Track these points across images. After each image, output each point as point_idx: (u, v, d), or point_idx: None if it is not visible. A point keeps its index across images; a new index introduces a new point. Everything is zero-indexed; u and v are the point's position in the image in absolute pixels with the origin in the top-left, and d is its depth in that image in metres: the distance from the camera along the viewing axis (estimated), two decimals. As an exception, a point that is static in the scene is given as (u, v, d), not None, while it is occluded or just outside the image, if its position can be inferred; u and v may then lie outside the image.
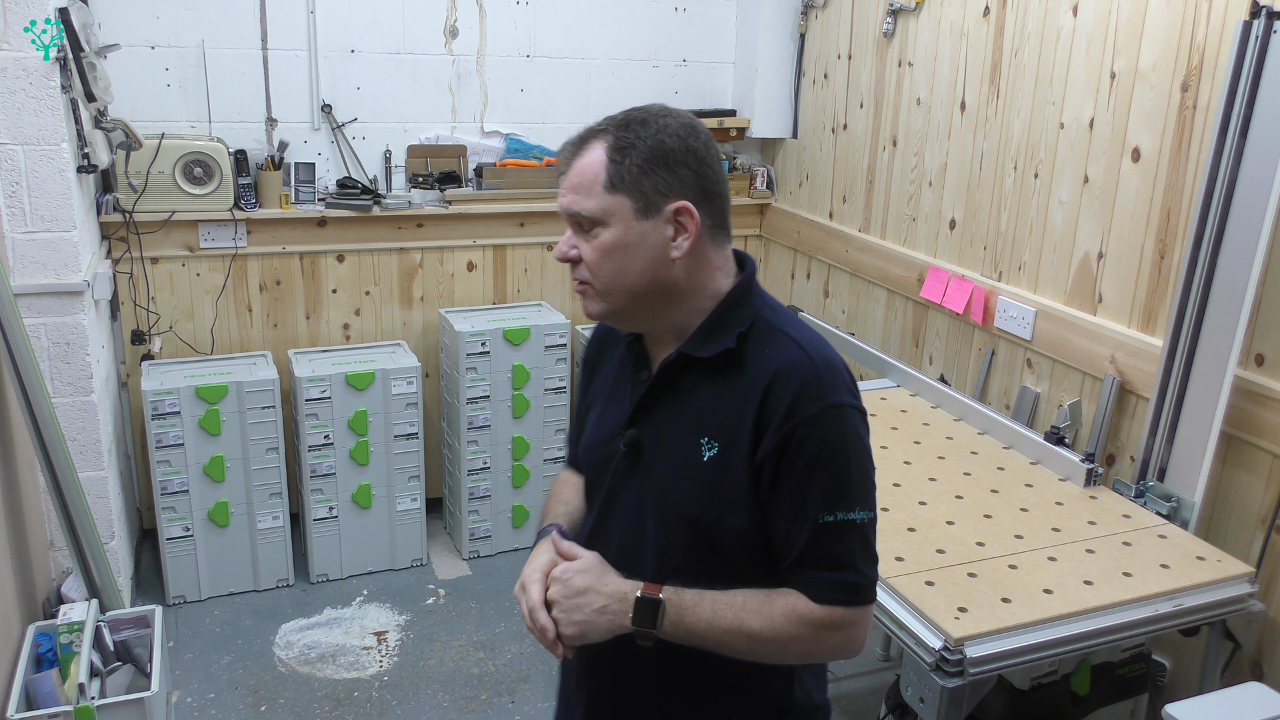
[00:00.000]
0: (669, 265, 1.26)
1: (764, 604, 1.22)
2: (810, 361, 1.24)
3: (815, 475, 1.21)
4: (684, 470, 1.27)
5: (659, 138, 1.24)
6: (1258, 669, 2.16)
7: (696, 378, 1.28)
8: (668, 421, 1.30)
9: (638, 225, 1.24)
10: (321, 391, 3.30)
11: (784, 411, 1.21)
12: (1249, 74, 2.04)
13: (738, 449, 1.24)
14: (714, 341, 1.27)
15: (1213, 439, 2.15)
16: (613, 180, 1.23)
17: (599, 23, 3.81)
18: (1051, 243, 2.69)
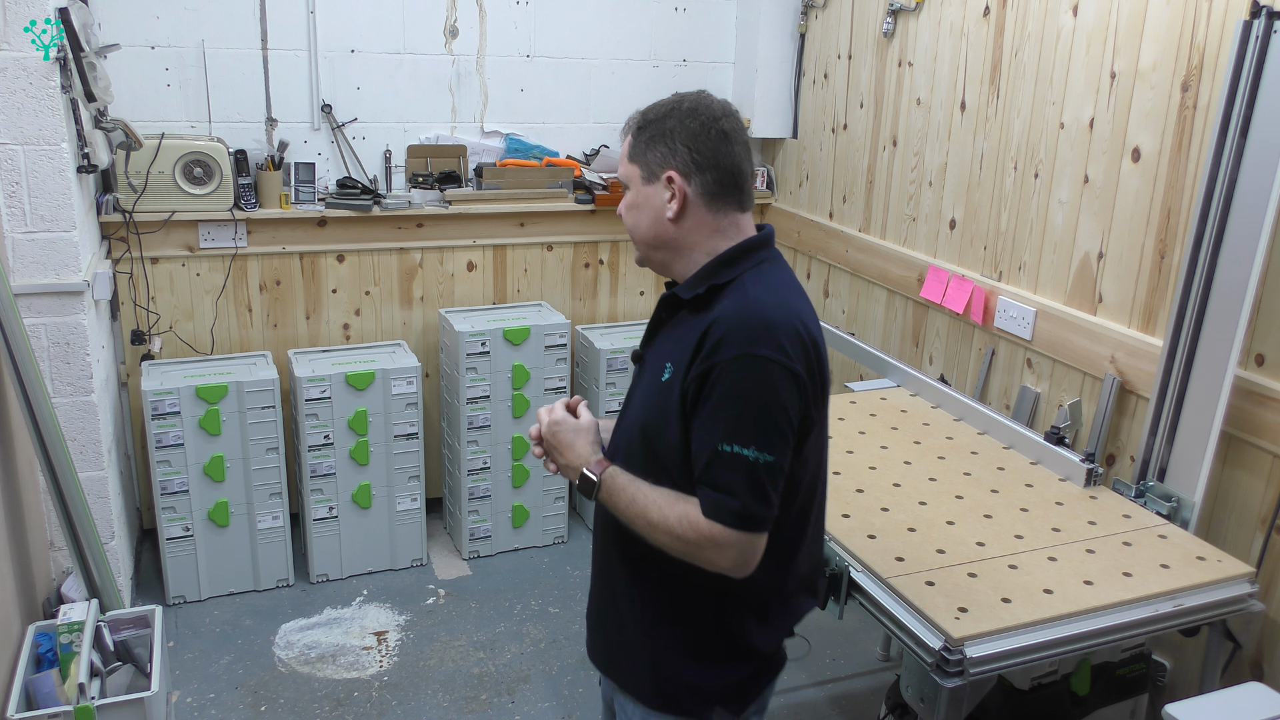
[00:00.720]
0: (666, 223, 1.54)
1: (668, 503, 1.46)
2: (746, 314, 1.44)
3: (722, 409, 1.41)
4: (650, 387, 1.54)
5: (665, 122, 1.52)
6: (1258, 669, 2.16)
7: (681, 315, 1.54)
8: (658, 346, 1.58)
9: (645, 189, 1.54)
10: (321, 391, 3.30)
11: (708, 350, 1.42)
12: (1249, 74, 2.04)
13: (679, 375, 1.47)
14: (692, 286, 1.52)
15: (1213, 439, 2.15)
16: (631, 153, 1.56)
17: (599, 23, 3.81)
18: (1051, 243, 2.69)
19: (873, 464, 2.39)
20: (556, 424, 1.59)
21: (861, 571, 1.95)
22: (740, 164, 1.52)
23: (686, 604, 1.55)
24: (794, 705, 2.88)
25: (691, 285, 1.52)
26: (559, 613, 3.32)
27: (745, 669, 1.57)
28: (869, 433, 2.57)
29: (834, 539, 2.03)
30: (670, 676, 1.57)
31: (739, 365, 1.40)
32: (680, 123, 1.51)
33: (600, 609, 1.69)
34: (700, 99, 1.53)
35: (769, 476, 1.41)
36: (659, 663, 1.57)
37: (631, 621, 1.60)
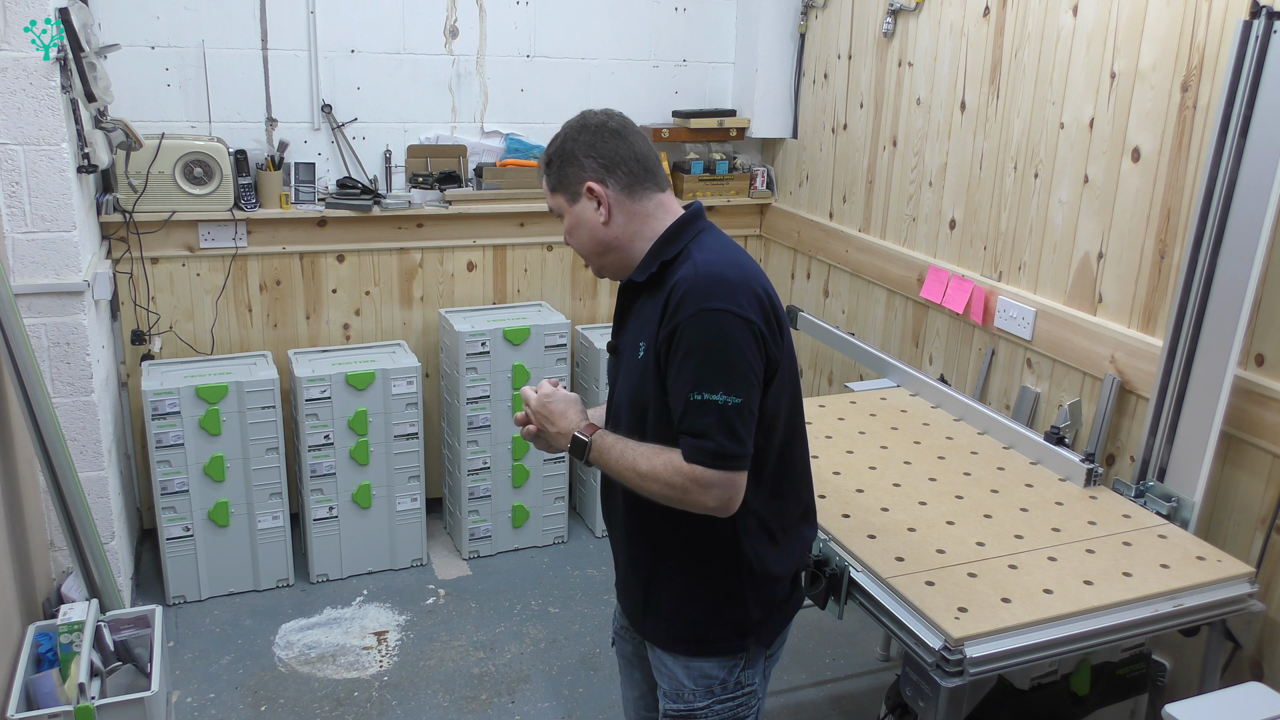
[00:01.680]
0: (601, 229, 1.67)
1: (654, 455, 1.58)
2: (698, 275, 1.57)
3: (688, 362, 1.55)
4: (631, 366, 1.67)
5: (565, 146, 1.68)
6: (1258, 669, 2.16)
7: (640, 298, 1.69)
8: (627, 332, 1.71)
9: (574, 209, 1.68)
10: (321, 391, 3.30)
11: (671, 312, 1.56)
12: (1249, 74, 2.04)
13: (653, 346, 1.61)
14: (646, 269, 1.66)
15: (1213, 439, 2.15)
16: (550, 185, 1.71)
17: (599, 23, 3.81)
18: (1051, 243, 2.69)
19: (873, 464, 2.39)
20: (549, 396, 1.72)
21: (861, 571, 1.95)
22: (640, 151, 1.66)
23: (708, 549, 1.67)
24: (794, 705, 2.88)
25: (643, 268, 1.66)
26: (559, 613, 3.32)
27: (770, 597, 1.71)
28: (869, 433, 2.57)
29: (834, 539, 2.04)
30: (706, 620, 1.70)
31: (699, 321, 1.54)
32: (576, 140, 1.66)
33: (628, 579, 1.81)
34: (585, 116, 1.69)
35: (739, 417, 1.54)
36: (694, 610, 1.71)
37: (662, 580, 1.73)
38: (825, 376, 3.82)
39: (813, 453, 2.41)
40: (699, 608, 1.70)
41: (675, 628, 1.73)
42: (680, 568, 1.71)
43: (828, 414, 2.68)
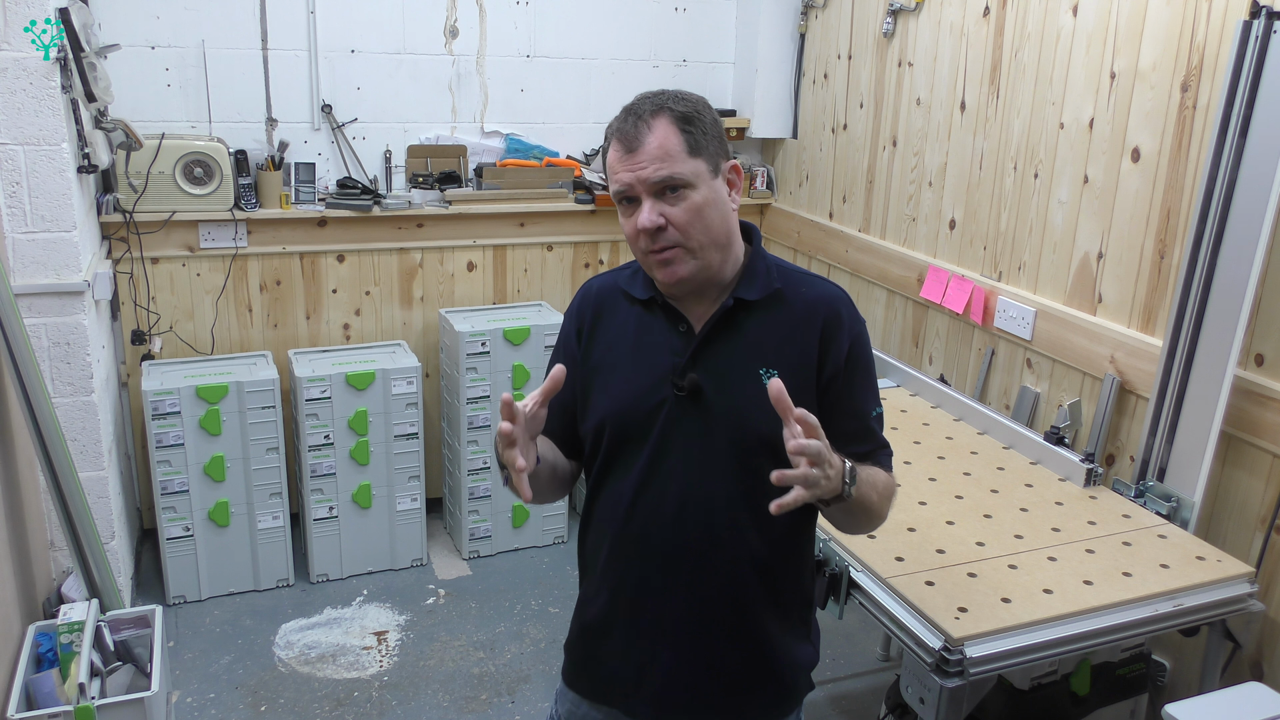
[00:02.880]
0: (731, 218, 1.46)
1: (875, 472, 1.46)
2: (844, 293, 1.51)
3: (867, 379, 1.50)
4: (751, 397, 1.42)
5: (703, 110, 1.46)
6: (1258, 669, 2.16)
7: (744, 318, 1.47)
8: (723, 360, 1.46)
9: (713, 184, 1.43)
10: (321, 391, 3.30)
11: (845, 334, 1.46)
12: (1249, 74, 2.04)
13: (802, 372, 1.45)
14: (757, 285, 1.48)
15: (1212, 439, 2.15)
16: (690, 147, 1.40)
17: (599, 23, 3.81)
18: (1051, 243, 2.69)
19: (873, 464, 2.39)
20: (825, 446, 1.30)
21: (861, 571, 1.95)
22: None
23: (796, 591, 1.59)
24: (794, 705, 2.88)
25: (751, 284, 1.48)
26: (559, 613, 3.32)
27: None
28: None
29: (833, 539, 2.04)
30: (798, 669, 1.63)
31: (864, 337, 1.50)
32: (711, 112, 1.48)
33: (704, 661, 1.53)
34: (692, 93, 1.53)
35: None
36: (790, 662, 1.61)
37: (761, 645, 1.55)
38: (825, 376, 3.81)
39: (813, 453, 2.42)
40: (792, 656, 1.61)
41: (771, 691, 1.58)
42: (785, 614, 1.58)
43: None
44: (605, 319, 1.56)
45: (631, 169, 1.40)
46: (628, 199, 1.42)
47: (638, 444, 1.48)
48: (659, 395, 1.47)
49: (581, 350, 1.56)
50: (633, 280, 1.55)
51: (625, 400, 1.49)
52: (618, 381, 1.51)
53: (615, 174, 1.43)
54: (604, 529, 1.54)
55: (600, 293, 1.58)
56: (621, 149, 1.42)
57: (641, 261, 1.48)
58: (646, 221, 1.39)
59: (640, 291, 1.52)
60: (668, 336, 1.49)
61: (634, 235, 1.43)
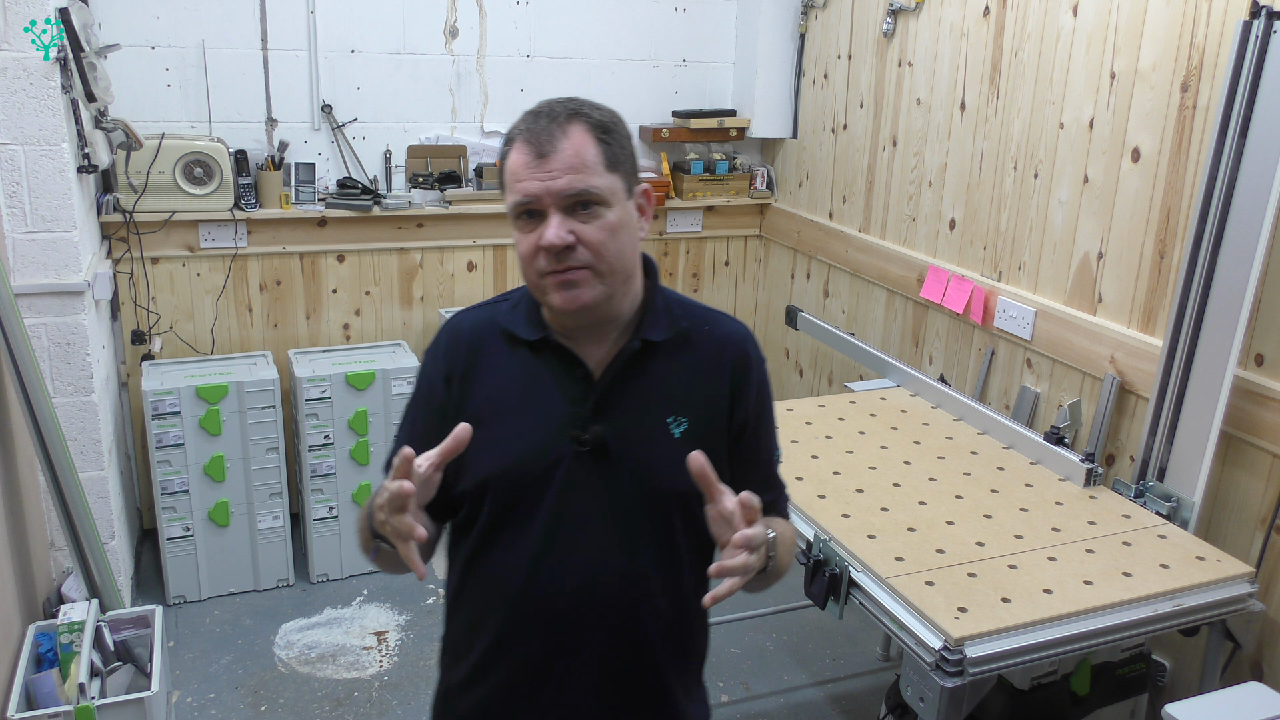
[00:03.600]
0: (638, 247, 1.31)
1: (785, 528, 1.37)
2: (748, 330, 1.41)
3: (772, 424, 1.42)
4: (661, 451, 1.29)
5: (619, 123, 1.29)
6: (1258, 669, 2.16)
7: (648, 362, 1.32)
8: (629, 409, 1.31)
9: (627, 205, 1.27)
10: (321, 391, 3.30)
11: (753, 378, 1.36)
12: (1249, 74, 2.04)
13: (712, 419, 1.33)
14: (662, 324, 1.33)
15: (1212, 439, 2.15)
16: (608, 160, 1.24)
17: (599, 23, 3.81)
18: (1051, 243, 2.69)
19: (873, 464, 2.39)
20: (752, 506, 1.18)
21: (861, 571, 1.95)
22: None
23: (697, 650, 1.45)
24: (794, 705, 2.89)
25: (656, 324, 1.33)
26: (559, 613, 3.32)
27: None
28: (869, 433, 2.57)
29: (834, 539, 2.04)
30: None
31: (767, 376, 1.42)
32: (624, 125, 1.31)
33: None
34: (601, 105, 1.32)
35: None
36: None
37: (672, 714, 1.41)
38: (825, 376, 3.82)
39: (812, 453, 2.43)
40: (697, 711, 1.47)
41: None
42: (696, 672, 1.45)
43: (828, 414, 2.68)
44: (483, 362, 1.35)
45: (540, 178, 1.21)
46: (529, 212, 1.24)
47: (530, 507, 1.28)
48: (555, 451, 1.28)
49: (454, 399, 1.34)
50: (514, 316, 1.36)
51: (514, 457, 1.29)
52: (504, 436, 1.30)
53: (518, 182, 1.23)
54: (490, 606, 1.32)
55: (475, 332, 1.37)
56: (529, 154, 1.23)
57: (534, 285, 1.28)
58: (555, 237, 1.20)
59: (526, 331, 1.33)
60: (562, 383, 1.31)
61: (531, 254, 1.24)
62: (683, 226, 4.04)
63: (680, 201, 3.97)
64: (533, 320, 1.34)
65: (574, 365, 1.31)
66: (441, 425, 1.29)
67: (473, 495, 1.32)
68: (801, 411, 2.69)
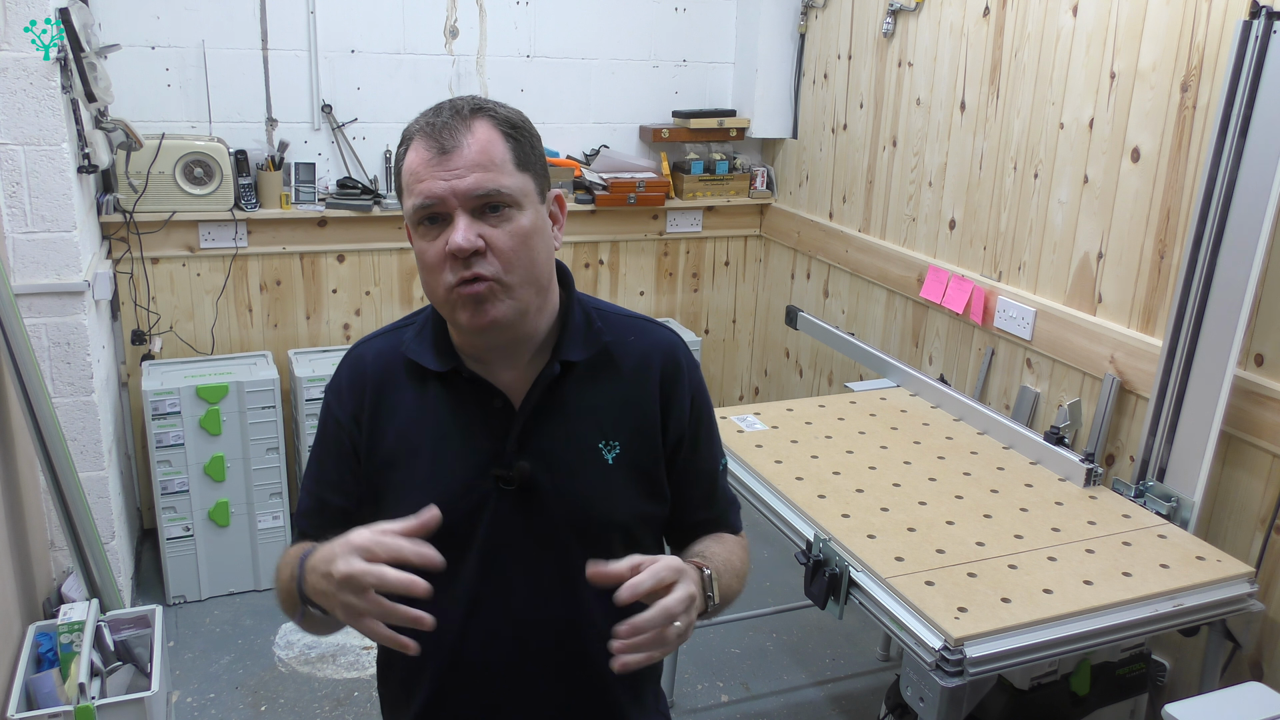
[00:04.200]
0: (552, 257, 1.19)
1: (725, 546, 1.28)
2: (676, 336, 1.30)
3: (711, 430, 1.32)
4: (595, 480, 1.20)
5: (527, 122, 1.17)
6: (1258, 669, 2.16)
7: (572, 385, 1.22)
8: (556, 439, 1.21)
9: (540, 210, 1.16)
10: (321, 391, 3.30)
11: (685, 388, 1.26)
12: (1249, 74, 2.04)
13: (645, 439, 1.23)
14: (581, 341, 1.22)
15: (1212, 439, 2.15)
16: (518, 159, 1.13)
17: (599, 23, 3.81)
18: (1051, 243, 2.69)
19: (873, 464, 2.39)
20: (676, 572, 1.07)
21: (861, 571, 1.95)
22: None
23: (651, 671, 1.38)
24: (794, 705, 2.89)
25: (579, 342, 1.22)
26: (559, 613, 3.32)
27: None
28: (869, 433, 2.57)
29: (834, 539, 2.04)
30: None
31: (703, 381, 1.31)
32: (532, 126, 1.20)
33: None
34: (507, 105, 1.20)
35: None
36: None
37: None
38: (825, 376, 3.82)
39: (812, 453, 2.43)
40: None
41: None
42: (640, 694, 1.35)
43: (828, 414, 2.68)
44: (390, 398, 1.23)
45: (445, 176, 1.10)
46: (432, 217, 1.12)
47: (457, 555, 1.16)
48: (479, 492, 1.19)
49: (364, 439, 1.23)
50: (420, 345, 1.24)
51: (435, 501, 1.14)
52: (421, 478, 1.20)
53: (419, 182, 1.12)
54: (422, 661, 1.16)
55: (379, 363, 1.25)
56: (430, 151, 1.12)
57: (440, 301, 1.16)
58: (463, 240, 1.08)
59: (434, 361, 1.21)
60: (480, 416, 1.20)
61: (437, 263, 1.12)
62: (683, 226, 4.04)
63: (680, 201, 3.97)
64: (440, 348, 1.22)
65: (491, 396, 1.21)
66: (354, 466, 1.24)
67: None
68: (801, 411, 2.69)
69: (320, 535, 1.22)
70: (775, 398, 4.16)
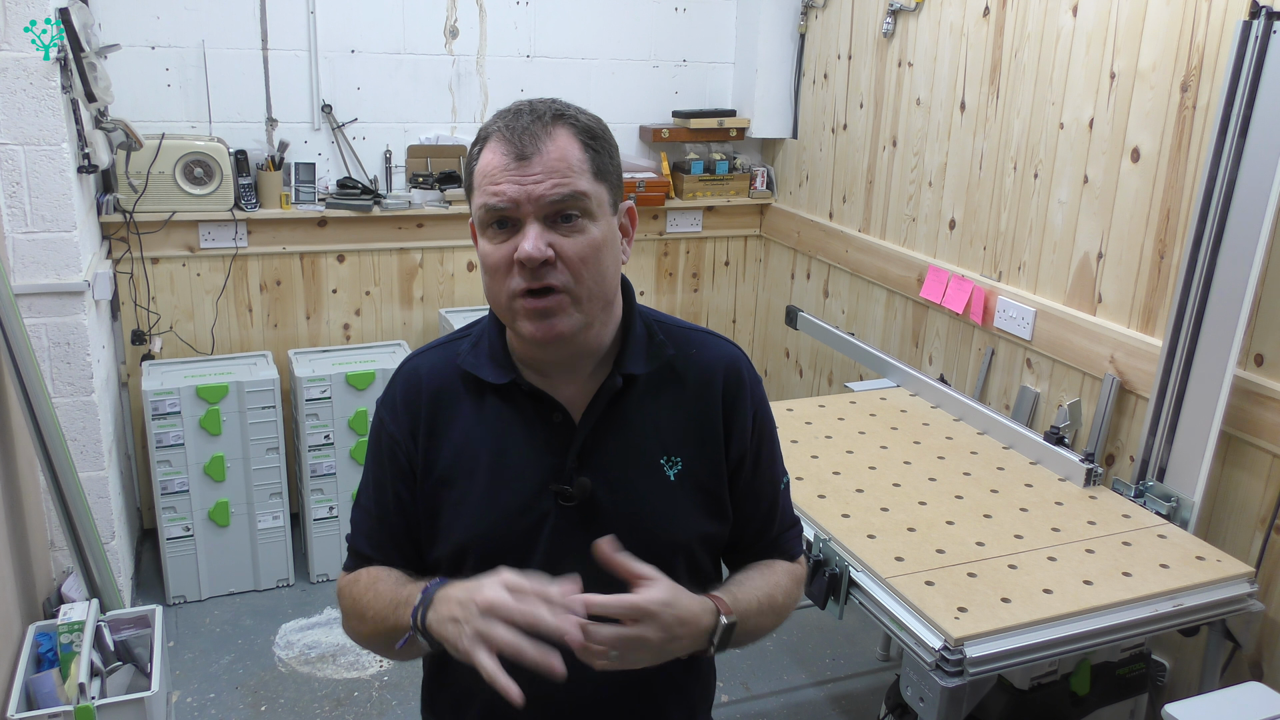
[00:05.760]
0: (620, 271, 1.16)
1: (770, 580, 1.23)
2: (736, 349, 1.27)
3: (774, 448, 1.28)
4: (657, 497, 1.18)
5: (606, 131, 1.14)
6: (1257, 669, 2.16)
7: (633, 398, 1.19)
8: (617, 455, 1.18)
9: (611, 221, 1.13)
10: (321, 391, 3.30)
11: (747, 403, 1.23)
12: (1249, 74, 2.04)
13: (708, 456, 1.20)
14: (644, 354, 1.20)
15: (1212, 439, 2.15)
16: (596, 168, 1.10)
17: (599, 23, 3.81)
18: (1051, 243, 2.69)
19: (872, 464, 2.39)
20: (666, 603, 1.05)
21: (861, 571, 1.95)
22: None
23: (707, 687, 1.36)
24: (794, 705, 2.89)
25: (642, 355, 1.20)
26: (559, 613, 3.32)
27: None
28: (869, 433, 2.57)
29: (834, 539, 2.04)
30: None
31: (764, 395, 1.27)
32: (611, 135, 1.16)
33: None
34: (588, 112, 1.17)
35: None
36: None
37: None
38: (825, 376, 3.82)
39: (812, 453, 2.43)
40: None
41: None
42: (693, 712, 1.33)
43: (828, 414, 2.68)
44: (446, 413, 1.21)
45: (520, 180, 1.07)
46: (502, 221, 1.09)
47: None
48: (539, 509, 1.17)
49: (420, 457, 1.21)
50: (477, 357, 1.21)
51: (493, 519, 1.17)
52: (479, 495, 1.18)
53: (494, 184, 1.08)
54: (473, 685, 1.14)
55: (434, 378, 1.23)
56: (507, 154, 1.08)
57: (502, 309, 1.13)
58: (533, 249, 1.06)
59: (492, 374, 1.19)
60: (539, 431, 1.18)
61: (504, 269, 1.09)
62: (683, 226, 4.04)
63: (680, 201, 3.97)
64: (498, 359, 1.20)
65: (551, 410, 1.18)
66: (410, 485, 1.21)
67: (449, 564, 1.19)
68: (801, 411, 2.69)
69: (381, 557, 1.22)
70: (775, 398, 4.16)
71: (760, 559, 1.28)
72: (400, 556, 1.24)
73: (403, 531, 1.23)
